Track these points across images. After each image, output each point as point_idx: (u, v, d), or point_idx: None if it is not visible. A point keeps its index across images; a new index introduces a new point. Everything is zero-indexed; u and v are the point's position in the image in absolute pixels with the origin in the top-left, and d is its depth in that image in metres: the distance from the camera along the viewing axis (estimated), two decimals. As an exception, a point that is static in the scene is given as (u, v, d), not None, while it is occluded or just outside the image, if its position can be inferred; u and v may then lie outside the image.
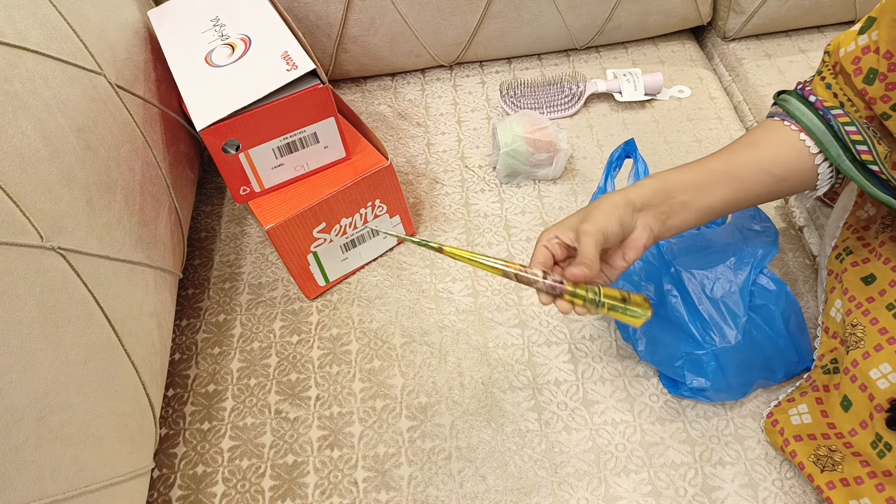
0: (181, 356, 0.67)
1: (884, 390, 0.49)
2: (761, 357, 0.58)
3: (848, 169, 0.49)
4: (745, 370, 0.57)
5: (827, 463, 0.51)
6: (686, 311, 0.58)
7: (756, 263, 0.59)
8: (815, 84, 0.52)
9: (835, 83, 0.51)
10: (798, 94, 0.52)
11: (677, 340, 0.58)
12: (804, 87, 0.53)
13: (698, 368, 0.57)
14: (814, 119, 0.50)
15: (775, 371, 0.59)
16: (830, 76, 0.52)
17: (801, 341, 0.59)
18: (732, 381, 0.57)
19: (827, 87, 0.52)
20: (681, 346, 0.57)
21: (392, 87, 0.92)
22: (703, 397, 0.58)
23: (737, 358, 0.56)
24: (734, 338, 0.56)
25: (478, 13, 0.85)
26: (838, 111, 0.50)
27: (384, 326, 0.67)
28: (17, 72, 0.48)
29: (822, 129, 0.50)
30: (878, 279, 0.53)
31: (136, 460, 0.52)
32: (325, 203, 0.64)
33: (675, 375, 0.58)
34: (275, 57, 0.61)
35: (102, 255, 0.51)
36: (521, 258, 0.71)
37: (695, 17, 0.91)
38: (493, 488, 0.56)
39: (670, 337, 0.58)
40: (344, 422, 0.61)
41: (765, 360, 0.58)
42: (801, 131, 0.51)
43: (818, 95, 0.51)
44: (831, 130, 0.50)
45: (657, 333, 0.59)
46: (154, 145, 0.64)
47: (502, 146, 0.75)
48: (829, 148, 0.50)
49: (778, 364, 0.58)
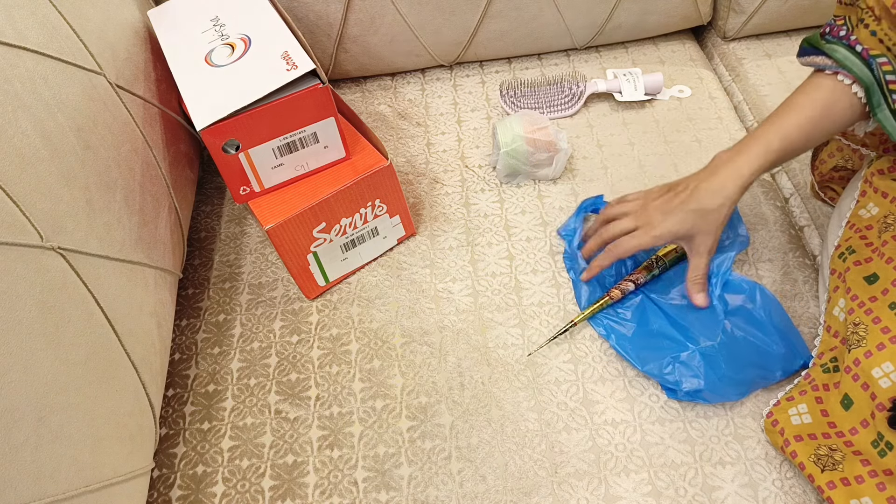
0: (181, 356, 0.67)
1: (885, 389, 0.49)
2: (752, 356, 0.58)
3: (884, 117, 0.52)
4: (737, 369, 0.58)
5: (827, 462, 0.51)
6: (667, 321, 0.62)
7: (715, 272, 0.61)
8: (860, 32, 0.53)
9: (879, 29, 0.52)
10: (844, 45, 0.53)
11: (663, 348, 0.60)
12: (847, 36, 0.53)
13: (688, 370, 0.58)
14: (863, 68, 0.52)
15: (771, 370, 0.59)
16: (874, 23, 0.52)
17: (789, 336, 0.60)
18: (725, 380, 0.57)
19: (872, 34, 0.52)
20: (667, 353, 0.59)
21: (392, 87, 0.92)
22: (700, 399, 0.58)
23: (725, 356, 0.57)
24: (716, 336, 0.58)
25: (478, 13, 0.85)
26: (882, 59, 0.51)
27: (384, 326, 0.67)
28: (16, 72, 0.48)
29: (871, 77, 0.52)
30: (880, 278, 0.53)
31: (136, 460, 0.52)
32: (325, 203, 0.64)
33: (668, 383, 0.59)
34: (275, 57, 0.61)
35: (102, 254, 0.51)
36: (522, 258, 0.71)
37: (695, 16, 0.91)
38: (493, 488, 0.56)
39: (656, 346, 0.60)
40: (344, 422, 0.61)
41: (756, 358, 0.58)
42: (853, 83, 0.53)
43: (864, 44, 0.52)
44: (876, 79, 0.52)
45: (645, 346, 0.61)
46: (154, 145, 0.64)
47: (502, 146, 0.75)
48: (873, 97, 0.52)
49: (771, 362, 0.59)
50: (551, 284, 0.69)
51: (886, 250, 0.54)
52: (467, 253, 0.72)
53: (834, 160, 0.66)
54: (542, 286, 0.69)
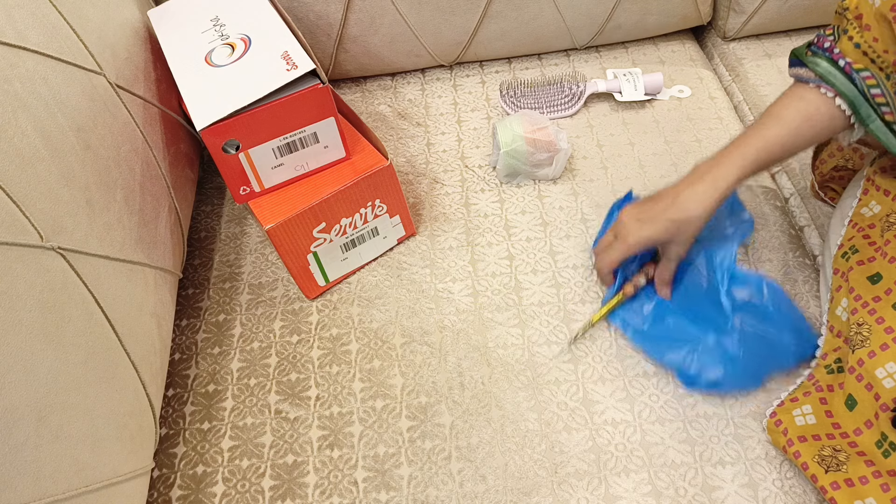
0: (181, 356, 0.67)
1: (889, 389, 0.49)
2: (764, 349, 0.59)
3: (876, 128, 0.52)
4: (752, 361, 0.59)
5: (831, 463, 0.51)
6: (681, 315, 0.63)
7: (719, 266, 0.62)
8: (843, 44, 0.53)
9: (863, 41, 0.52)
10: (827, 57, 0.54)
11: (680, 340, 0.60)
12: (831, 49, 0.54)
13: (709, 360, 0.59)
14: (845, 82, 0.52)
15: (785, 360, 0.60)
16: (857, 34, 0.52)
17: (799, 326, 0.61)
18: (742, 371, 0.58)
19: (856, 46, 0.52)
20: (685, 345, 0.60)
21: (392, 87, 0.92)
22: (719, 388, 0.59)
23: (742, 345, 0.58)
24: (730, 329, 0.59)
25: (478, 13, 0.85)
26: (865, 73, 0.51)
27: (384, 326, 0.67)
28: (17, 72, 0.48)
29: (854, 91, 0.52)
30: (884, 278, 0.53)
31: (136, 460, 0.52)
32: (325, 203, 0.64)
33: (688, 373, 0.59)
34: (275, 57, 0.61)
35: (102, 254, 0.51)
36: (522, 258, 0.71)
37: (695, 16, 0.91)
38: (493, 488, 0.56)
39: (673, 339, 0.61)
40: (344, 422, 0.61)
41: (769, 351, 0.59)
42: (836, 96, 0.53)
43: (847, 57, 0.52)
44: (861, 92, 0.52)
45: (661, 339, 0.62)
46: (154, 145, 0.64)
47: (502, 146, 0.75)
48: (860, 109, 0.52)
49: (784, 354, 0.60)
50: (551, 284, 0.69)
51: (889, 249, 0.54)
52: (467, 253, 0.72)
53: (834, 160, 0.66)
54: (542, 286, 0.69)
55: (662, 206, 0.59)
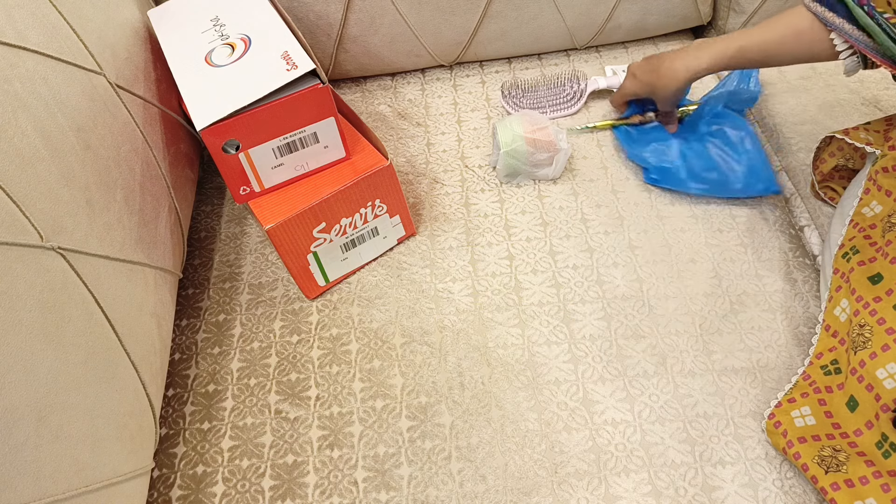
0: (181, 356, 0.67)
1: (890, 390, 0.49)
2: (716, 162, 0.73)
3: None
4: (702, 167, 0.72)
5: (831, 464, 0.51)
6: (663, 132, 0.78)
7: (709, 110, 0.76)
8: None
9: None
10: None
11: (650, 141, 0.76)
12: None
13: (664, 155, 0.74)
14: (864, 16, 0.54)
15: (730, 181, 0.72)
16: None
17: (755, 162, 0.72)
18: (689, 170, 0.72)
19: None
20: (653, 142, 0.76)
21: (392, 87, 0.92)
22: (664, 183, 0.74)
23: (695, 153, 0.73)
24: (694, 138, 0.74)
25: (478, 13, 0.85)
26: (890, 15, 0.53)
27: (384, 326, 0.67)
28: (16, 72, 0.48)
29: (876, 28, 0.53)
30: (885, 278, 0.53)
31: (136, 460, 0.52)
32: (325, 203, 0.64)
33: (644, 162, 0.75)
34: (275, 57, 0.61)
35: (102, 254, 0.51)
36: (522, 258, 0.71)
37: (695, 16, 0.91)
38: (493, 488, 0.56)
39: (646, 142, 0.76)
40: (344, 422, 0.61)
41: (720, 164, 0.72)
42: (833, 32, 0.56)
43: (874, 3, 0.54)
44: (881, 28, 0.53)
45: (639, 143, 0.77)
46: (154, 145, 0.64)
47: (502, 146, 0.75)
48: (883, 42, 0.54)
49: (732, 174, 0.72)
50: (551, 284, 0.69)
51: (890, 250, 0.54)
52: (467, 253, 0.72)
53: (835, 159, 0.66)
54: (542, 286, 0.69)
55: (650, 69, 0.72)
